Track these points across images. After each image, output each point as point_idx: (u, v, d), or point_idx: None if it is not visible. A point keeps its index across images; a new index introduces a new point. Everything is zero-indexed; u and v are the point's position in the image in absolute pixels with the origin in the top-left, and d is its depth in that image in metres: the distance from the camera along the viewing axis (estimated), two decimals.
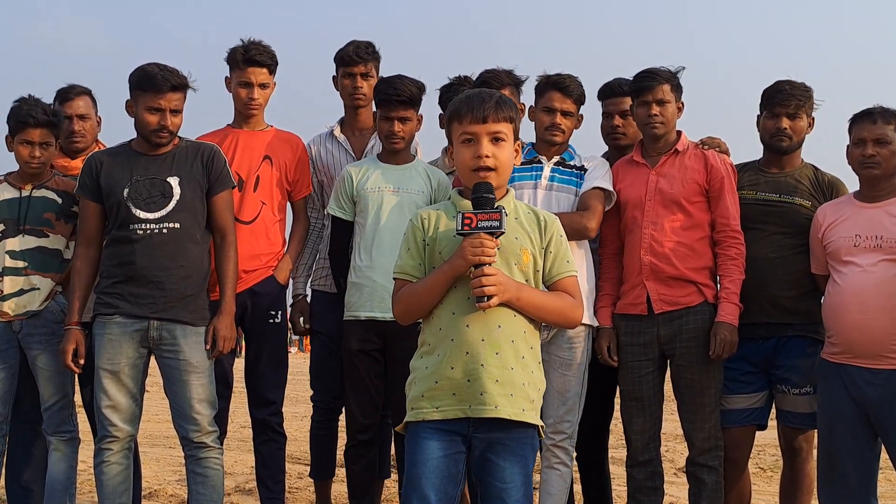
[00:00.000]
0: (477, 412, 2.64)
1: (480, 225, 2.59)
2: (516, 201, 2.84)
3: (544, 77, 3.89)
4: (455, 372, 2.64)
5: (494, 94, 2.81)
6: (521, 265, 2.72)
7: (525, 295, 2.68)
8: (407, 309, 2.77)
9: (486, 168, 2.69)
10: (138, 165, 3.82)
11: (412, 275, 2.76)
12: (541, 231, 2.78)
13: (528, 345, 2.72)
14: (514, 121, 2.78)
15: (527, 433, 2.71)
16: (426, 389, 2.69)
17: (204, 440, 3.80)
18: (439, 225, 2.76)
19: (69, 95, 4.36)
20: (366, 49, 4.34)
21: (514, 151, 2.79)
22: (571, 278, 2.80)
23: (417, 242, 2.76)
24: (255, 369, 4.26)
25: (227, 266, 3.87)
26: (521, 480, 2.67)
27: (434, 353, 2.69)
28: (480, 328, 2.65)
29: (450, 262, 2.65)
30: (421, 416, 2.69)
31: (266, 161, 4.25)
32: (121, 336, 3.75)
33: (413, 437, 2.71)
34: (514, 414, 2.65)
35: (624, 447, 4.09)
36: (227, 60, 4.28)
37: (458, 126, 2.75)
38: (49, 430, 4.03)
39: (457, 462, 2.67)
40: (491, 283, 2.59)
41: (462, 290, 2.66)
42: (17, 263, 3.99)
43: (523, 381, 2.68)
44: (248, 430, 4.64)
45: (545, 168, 3.87)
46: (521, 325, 2.70)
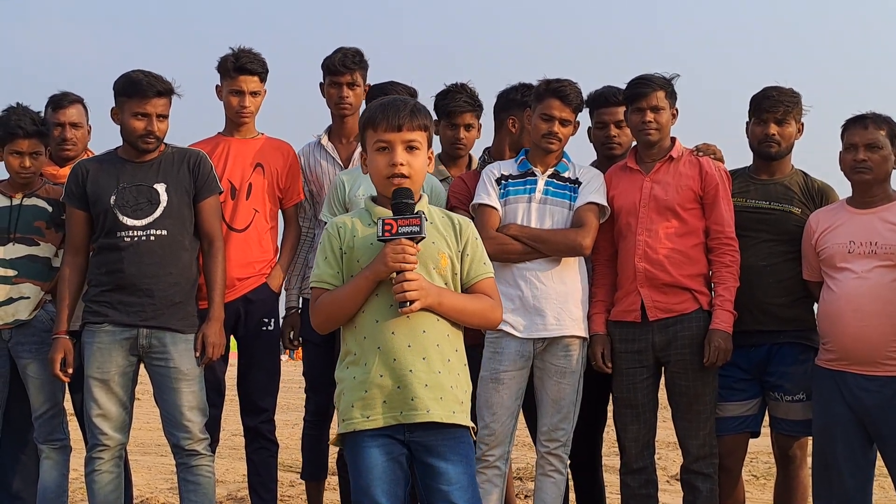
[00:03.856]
0: (409, 418, 2.66)
1: (401, 230, 2.61)
2: (430, 206, 2.86)
3: (544, 83, 3.87)
4: (384, 379, 2.66)
5: (409, 101, 2.83)
6: (439, 269, 2.74)
7: (446, 299, 2.71)
8: (328, 317, 2.77)
9: (401, 175, 2.71)
10: (125, 172, 3.82)
11: (330, 283, 2.75)
12: (456, 235, 2.81)
13: (453, 347, 2.75)
14: (429, 129, 2.80)
15: (462, 433, 2.73)
16: (356, 399, 2.69)
17: (195, 448, 3.79)
18: (356, 233, 2.76)
19: (62, 103, 4.35)
20: (352, 58, 4.33)
21: (428, 159, 2.82)
22: (489, 280, 2.83)
23: (334, 251, 2.77)
24: (248, 377, 4.25)
25: (216, 272, 3.85)
26: (466, 481, 2.69)
27: (361, 363, 2.69)
28: (405, 334, 2.67)
29: (371, 268, 2.66)
30: (353, 426, 2.69)
31: (258, 169, 4.24)
32: (110, 344, 3.73)
33: (353, 447, 2.71)
34: (445, 416, 2.67)
35: (617, 454, 4.08)
36: (217, 69, 4.28)
37: (373, 133, 2.76)
38: (40, 439, 4.02)
39: (401, 464, 2.69)
40: (413, 289, 2.62)
41: (384, 298, 2.68)
42: (7, 272, 3.97)
43: (451, 383, 2.71)
44: (240, 437, 4.62)
45: (539, 181, 3.85)
46: (444, 328, 2.73)
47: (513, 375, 3.74)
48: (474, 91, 4.27)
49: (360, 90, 4.35)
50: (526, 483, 5.97)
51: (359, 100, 4.36)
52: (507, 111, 4.20)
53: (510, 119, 4.19)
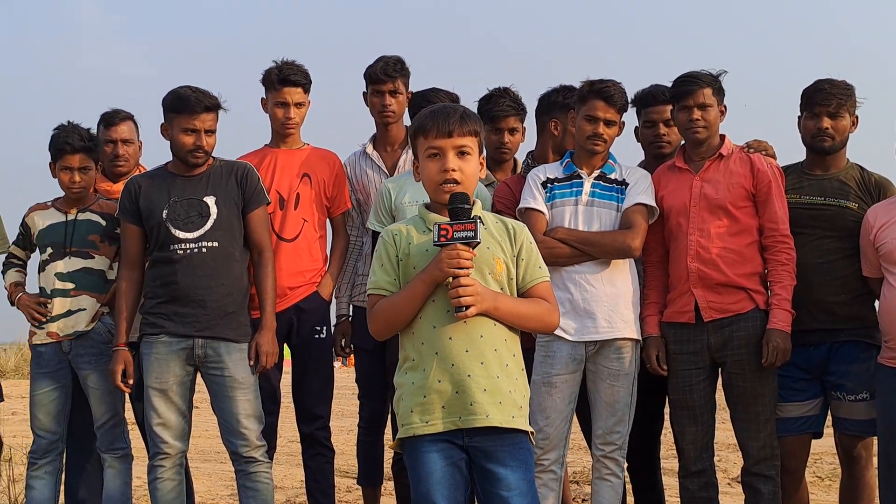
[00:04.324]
0: (468, 423, 2.65)
1: (456, 235, 2.60)
2: (484, 212, 2.85)
3: (587, 84, 3.83)
4: (443, 385, 2.66)
5: (459, 108, 2.83)
6: (494, 274, 2.73)
7: (502, 303, 2.70)
8: (385, 323, 2.77)
9: (453, 181, 2.71)
10: (175, 187, 3.89)
11: (387, 290, 2.76)
12: (511, 240, 2.80)
13: (511, 352, 2.74)
14: (479, 134, 2.80)
15: (521, 439, 2.71)
16: (415, 404, 2.69)
17: (253, 455, 3.83)
18: (411, 240, 2.77)
19: (113, 120, 4.44)
20: (394, 66, 4.34)
21: (479, 164, 2.81)
22: (545, 283, 2.82)
23: (391, 258, 2.77)
24: (302, 384, 4.29)
25: (266, 282, 3.91)
26: (525, 487, 2.67)
27: (419, 368, 2.70)
28: (463, 339, 2.67)
29: (427, 272, 2.66)
30: (412, 431, 2.69)
31: (305, 179, 4.28)
32: (167, 355, 3.80)
33: (412, 452, 2.71)
34: (504, 421, 2.66)
35: (675, 457, 4.03)
36: (262, 82, 4.32)
37: (424, 141, 2.76)
38: (103, 448, 4.10)
39: (460, 469, 2.68)
40: (468, 293, 2.61)
41: (441, 303, 2.68)
42: (66, 285, 4.06)
43: (509, 388, 2.70)
44: (297, 444, 4.66)
45: (585, 183, 3.82)
46: (502, 333, 2.72)
47: (565, 379, 3.71)
48: (517, 95, 4.25)
49: (403, 98, 4.37)
50: (583, 487, 5.92)
51: (402, 107, 4.39)
52: (550, 114, 4.18)
53: (553, 122, 4.16)
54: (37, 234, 4.16)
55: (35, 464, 4.07)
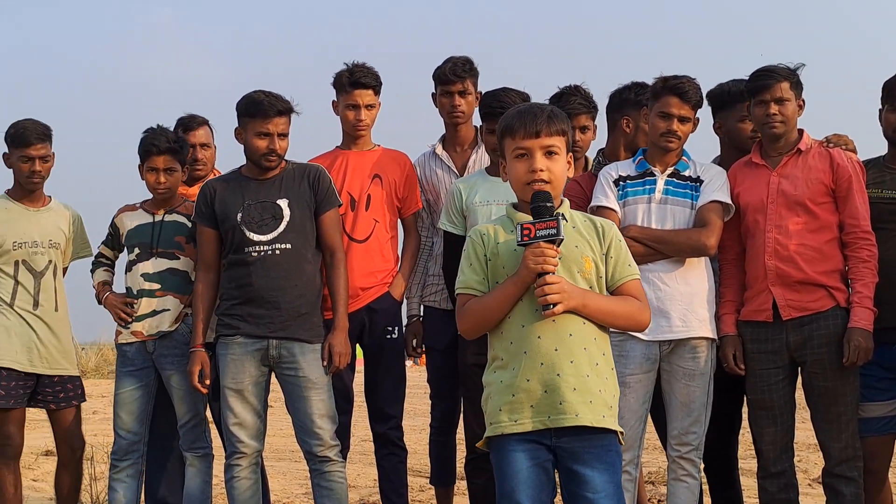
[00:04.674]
0: (557, 422, 2.64)
1: (539, 234, 2.60)
2: (572, 211, 2.84)
3: (661, 80, 3.78)
4: (532, 384, 2.65)
5: (546, 107, 2.81)
6: (583, 272, 2.72)
7: (591, 301, 2.69)
8: (475, 323, 2.78)
9: (541, 181, 2.70)
10: (249, 190, 3.94)
11: (477, 289, 2.77)
12: (599, 237, 2.78)
13: (601, 351, 2.72)
14: (567, 133, 2.78)
15: (609, 440, 2.69)
16: (503, 403, 2.69)
17: (327, 454, 3.87)
18: (498, 239, 2.77)
19: (191, 125, 4.53)
20: (462, 66, 4.35)
21: (568, 164, 2.79)
22: (635, 281, 2.80)
23: (479, 257, 2.78)
24: (375, 385, 4.31)
25: (339, 283, 3.94)
26: (612, 490, 2.64)
27: (508, 367, 2.69)
28: (552, 338, 2.65)
29: (516, 274, 2.66)
30: (500, 430, 2.69)
31: (376, 180, 4.31)
32: (243, 356, 3.86)
33: (498, 451, 2.71)
34: (595, 421, 2.64)
35: (754, 457, 3.96)
36: (333, 84, 4.35)
37: (511, 141, 2.76)
38: (185, 447, 4.17)
39: (546, 470, 2.67)
40: (555, 291, 2.60)
41: (529, 302, 2.67)
42: (152, 285, 4.15)
43: (599, 387, 2.68)
44: (370, 443, 4.69)
45: (658, 181, 3.77)
46: (592, 331, 2.70)
47: (639, 379, 3.67)
48: (588, 92, 4.21)
49: (472, 98, 4.37)
50: (658, 487, 5.85)
51: (471, 108, 4.39)
52: (621, 111, 4.14)
53: (624, 119, 4.12)
54: (125, 234, 4.25)
55: (116, 466, 4.15)
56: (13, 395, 4.23)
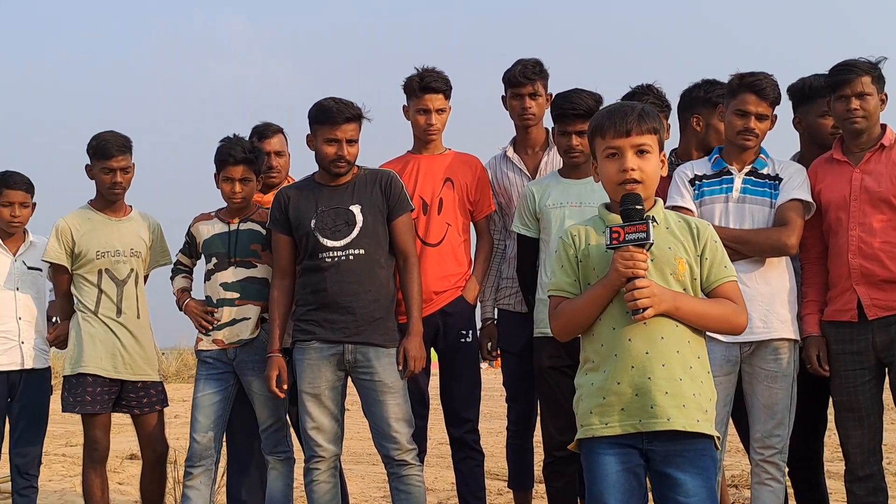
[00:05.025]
0: (648, 426, 2.60)
1: (628, 238, 2.57)
2: (666, 211, 2.79)
3: (737, 77, 3.71)
4: (622, 387, 2.62)
5: (636, 106, 2.76)
6: (676, 275, 2.67)
7: (683, 304, 2.64)
8: (566, 326, 2.76)
9: (633, 181, 2.66)
10: (322, 196, 3.98)
11: (568, 291, 2.75)
12: (694, 238, 2.72)
13: (695, 354, 2.66)
14: (659, 131, 2.73)
15: (704, 444, 2.63)
16: (594, 406, 2.67)
17: (404, 458, 3.88)
18: (589, 240, 2.75)
19: (266, 133, 4.58)
20: (532, 68, 4.32)
21: (661, 162, 2.74)
22: (731, 283, 2.73)
23: (570, 259, 2.76)
24: (450, 388, 4.31)
25: (412, 288, 3.95)
26: (705, 495, 2.59)
27: (599, 370, 2.67)
28: (643, 341, 2.62)
29: (605, 278, 2.64)
30: (591, 432, 2.67)
31: (447, 183, 4.31)
32: (319, 360, 3.90)
33: (589, 453, 2.69)
34: (688, 425, 2.59)
35: (840, 460, 3.85)
36: (403, 89, 4.37)
37: (602, 141, 2.72)
38: (266, 451, 4.22)
39: (637, 475, 2.63)
40: (644, 296, 2.56)
41: (620, 305, 2.64)
42: (231, 294, 4.21)
43: (693, 391, 2.62)
44: (446, 446, 4.69)
45: (736, 180, 3.70)
46: (685, 334, 2.65)
47: (720, 381, 3.58)
48: (661, 91, 4.17)
49: (543, 99, 4.35)
50: (742, 491, 5.74)
51: (541, 109, 4.36)
52: (692, 110, 4.08)
53: (695, 118, 4.06)
54: (201, 243, 4.32)
55: (190, 473, 4.20)
56: (99, 400, 4.34)
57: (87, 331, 4.36)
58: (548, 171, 4.31)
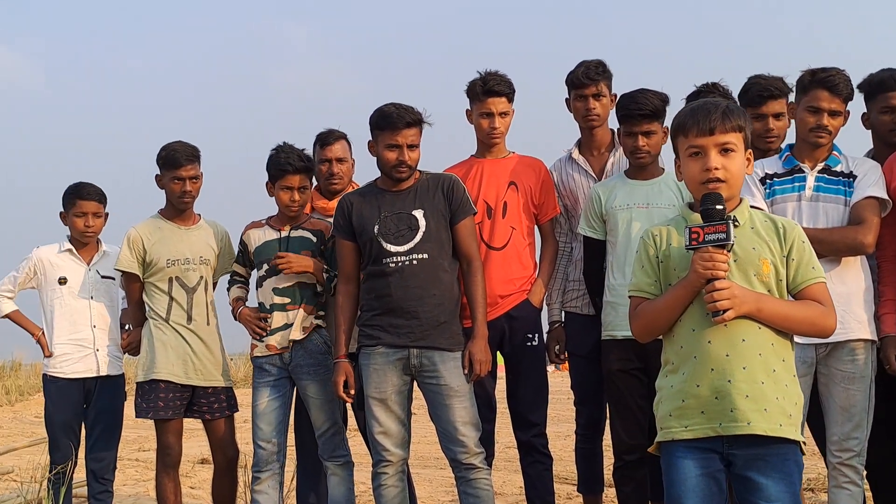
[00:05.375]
0: (728, 430, 2.55)
1: (708, 238, 2.53)
2: (752, 210, 2.72)
3: (809, 73, 3.63)
4: (701, 389, 2.57)
5: (721, 103, 2.71)
6: (760, 276, 2.61)
7: (766, 306, 2.57)
8: (646, 327, 2.74)
9: (716, 180, 2.61)
10: (385, 202, 3.99)
11: (648, 292, 2.72)
12: (780, 239, 2.66)
13: (779, 357, 2.60)
14: (744, 130, 2.67)
15: (788, 449, 2.57)
16: (673, 408, 2.63)
17: (472, 461, 3.87)
18: (671, 241, 2.71)
19: (328, 140, 4.60)
20: (595, 69, 4.29)
21: (746, 161, 2.68)
22: (819, 285, 2.65)
23: (651, 259, 2.73)
24: (517, 392, 4.29)
25: (476, 291, 3.94)
26: (789, 500, 2.53)
27: (678, 372, 2.64)
28: (723, 343, 2.57)
29: (685, 279, 2.60)
30: (670, 435, 2.63)
31: (512, 187, 4.29)
32: (384, 365, 3.91)
33: (668, 456, 2.65)
34: (770, 430, 2.53)
35: None
36: (466, 93, 4.36)
37: (685, 140, 2.68)
38: (325, 456, 4.25)
39: (717, 480, 2.59)
40: (724, 297, 2.51)
41: (700, 306, 2.60)
42: (283, 300, 4.26)
43: (777, 395, 2.56)
44: (514, 450, 4.68)
45: (808, 178, 3.62)
46: (768, 337, 2.59)
47: None
48: (727, 89, 4.11)
49: (607, 100, 4.32)
50: (819, 495, 5.62)
51: (605, 110, 4.33)
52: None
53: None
54: (253, 251, 4.37)
55: (258, 478, 4.25)
56: (171, 406, 4.41)
57: (158, 338, 4.44)
58: (614, 172, 4.28)
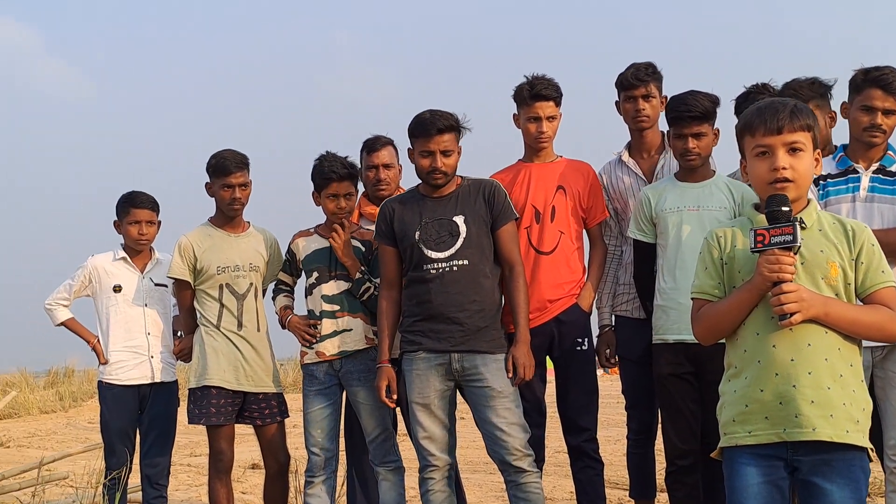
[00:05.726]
0: (793, 435, 2.50)
1: (773, 240, 2.49)
2: (820, 212, 2.67)
3: (861, 72, 3.58)
4: (765, 394, 2.53)
5: (789, 102, 2.65)
6: (828, 279, 2.56)
7: (834, 310, 2.52)
8: (709, 330, 2.70)
9: (784, 180, 2.56)
10: (426, 208, 3.99)
11: (711, 294, 2.68)
12: (849, 242, 2.60)
13: (847, 362, 2.55)
14: (812, 129, 2.62)
15: (854, 455, 2.52)
16: (737, 414, 2.59)
17: (520, 464, 3.85)
18: (736, 242, 2.66)
19: (375, 146, 4.61)
20: (645, 71, 4.27)
21: (815, 160, 2.63)
22: (888, 289, 2.59)
23: (715, 261, 2.69)
24: (567, 397, 4.27)
25: (518, 297, 3.92)
26: None
27: (741, 376, 2.60)
28: (788, 348, 2.52)
29: (750, 282, 2.56)
30: (734, 441, 2.60)
31: (560, 191, 4.27)
32: (426, 370, 3.91)
33: (729, 462, 2.62)
34: (836, 436, 2.48)
35: None
36: (513, 98, 4.35)
37: (751, 139, 2.64)
38: (376, 461, 4.27)
39: (780, 489, 2.54)
40: (791, 300, 2.47)
41: (765, 310, 2.55)
42: (332, 307, 4.28)
43: (843, 400, 2.51)
44: (564, 454, 4.64)
45: (863, 178, 3.57)
46: (835, 341, 2.53)
47: None
48: (776, 90, 4.04)
49: (657, 101, 4.29)
50: (875, 500, 5.51)
51: (655, 112, 4.30)
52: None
53: None
54: (302, 259, 4.40)
55: (311, 482, 4.28)
56: (223, 412, 4.45)
57: (210, 344, 4.49)
58: (664, 174, 4.24)
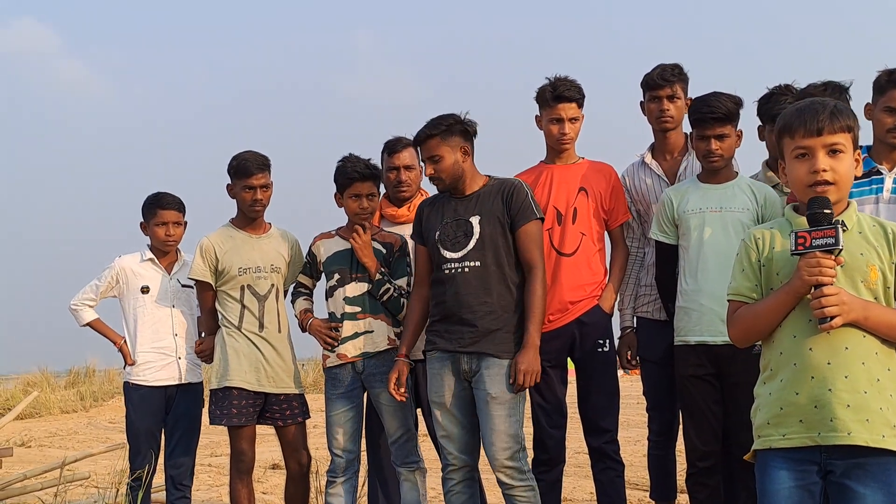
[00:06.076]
0: (827, 440, 2.48)
1: (815, 243, 2.45)
2: (860, 214, 2.64)
3: (885, 73, 3.56)
4: (800, 398, 2.51)
5: (828, 103, 2.62)
6: (868, 282, 2.53)
7: (873, 314, 2.49)
8: (745, 332, 2.68)
9: (824, 182, 2.53)
10: (448, 208, 4.01)
11: (748, 296, 2.66)
12: (889, 244, 2.57)
13: (884, 366, 2.52)
14: (853, 130, 2.59)
15: (890, 460, 2.48)
16: (771, 416, 2.57)
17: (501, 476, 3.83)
18: (774, 244, 2.63)
19: (396, 148, 4.60)
20: (671, 71, 4.26)
21: (855, 162, 2.60)
22: None
23: (752, 263, 2.66)
24: (587, 398, 4.27)
25: (533, 300, 3.85)
26: None
27: (777, 379, 2.57)
28: (825, 351, 2.49)
29: (789, 284, 2.53)
30: (768, 443, 2.57)
31: (582, 193, 4.27)
32: (441, 370, 3.92)
33: (762, 465, 2.60)
34: (872, 440, 2.45)
35: None
36: (536, 99, 4.35)
37: (790, 141, 2.60)
38: (398, 462, 4.27)
39: (812, 494, 2.51)
40: (832, 304, 2.44)
41: (802, 312, 2.52)
42: (353, 309, 4.29)
43: (881, 405, 2.47)
44: (584, 455, 4.65)
45: (887, 180, 3.54)
46: (873, 345, 2.51)
47: None
48: (798, 91, 4.01)
49: (681, 102, 4.27)
50: None
51: (680, 113, 4.29)
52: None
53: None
54: (323, 261, 4.41)
55: (333, 482, 4.29)
56: (244, 413, 4.47)
57: (231, 345, 4.50)
58: (687, 176, 4.23)
